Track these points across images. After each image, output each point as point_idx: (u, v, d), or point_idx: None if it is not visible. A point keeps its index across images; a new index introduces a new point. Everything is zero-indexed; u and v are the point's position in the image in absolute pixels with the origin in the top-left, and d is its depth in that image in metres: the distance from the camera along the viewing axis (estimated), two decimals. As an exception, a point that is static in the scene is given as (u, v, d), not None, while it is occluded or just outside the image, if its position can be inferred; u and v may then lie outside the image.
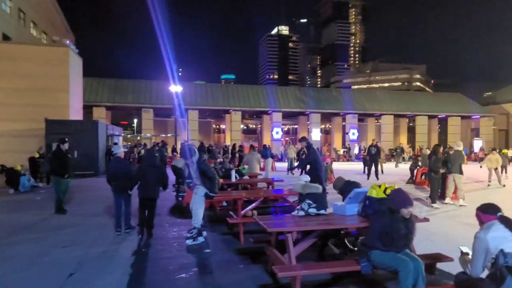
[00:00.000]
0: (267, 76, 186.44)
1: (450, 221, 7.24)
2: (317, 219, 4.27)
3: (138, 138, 33.05)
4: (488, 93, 48.32)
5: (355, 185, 4.63)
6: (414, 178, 14.15)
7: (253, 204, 6.54)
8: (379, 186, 4.11)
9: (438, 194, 9.37)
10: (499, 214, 2.78)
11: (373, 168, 14.76)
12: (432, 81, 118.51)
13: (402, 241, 3.58)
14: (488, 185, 13.50)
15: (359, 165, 21.07)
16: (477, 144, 34.60)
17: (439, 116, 37.21)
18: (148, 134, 29.86)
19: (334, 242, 5.17)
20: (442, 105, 36.76)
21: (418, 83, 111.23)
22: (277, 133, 32.63)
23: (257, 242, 5.15)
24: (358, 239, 4.89)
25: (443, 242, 5.62)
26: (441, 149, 9.79)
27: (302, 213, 4.42)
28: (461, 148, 9.65)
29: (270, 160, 14.72)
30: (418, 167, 14.33)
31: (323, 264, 4.13)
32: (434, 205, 8.80)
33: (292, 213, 4.59)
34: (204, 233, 5.98)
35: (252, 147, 12.42)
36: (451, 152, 9.82)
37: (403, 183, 13.79)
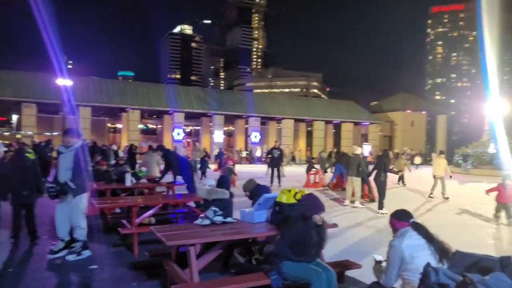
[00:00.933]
0: (169, 75, 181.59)
1: (354, 224, 7.55)
2: (224, 228, 3.89)
3: (18, 136, 29.02)
4: (375, 102, 53.89)
5: (265, 189, 4.38)
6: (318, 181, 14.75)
7: (150, 211, 5.92)
8: (289, 191, 3.92)
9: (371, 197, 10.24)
10: (411, 220, 2.74)
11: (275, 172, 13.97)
12: (327, 89, 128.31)
13: (314, 249, 3.41)
14: (430, 197, 11.30)
15: (262, 168, 21.47)
16: (366, 149, 38.22)
17: (334, 122, 40.21)
18: (30, 132, 26.41)
19: (240, 250, 4.89)
20: (337, 112, 39.81)
21: (315, 90, 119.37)
22: (178, 134, 31.64)
23: (154, 255, 4.57)
24: (265, 247, 4.68)
25: (350, 248, 5.72)
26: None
27: (206, 221, 4.01)
28: (359, 152, 10.08)
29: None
30: (314, 170, 15.02)
31: (229, 279, 3.76)
32: (382, 210, 8.64)
33: (196, 221, 4.14)
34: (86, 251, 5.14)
35: (150, 148, 11.55)
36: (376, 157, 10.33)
37: (300, 185, 14.16)
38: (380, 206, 8.78)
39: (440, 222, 7.82)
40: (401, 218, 2.77)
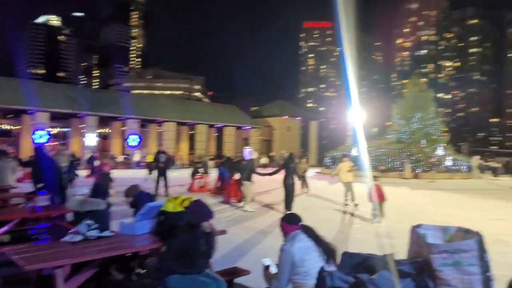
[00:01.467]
0: (30, 70, 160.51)
1: (242, 229, 7.57)
2: (100, 243, 3.44)
3: None
4: (255, 108, 56.32)
5: (149, 197, 4.04)
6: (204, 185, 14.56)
7: (4, 228, 4.99)
8: (176, 198, 3.67)
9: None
10: (300, 223, 2.78)
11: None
12: (210, 93, 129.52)
13: (203, 259, 3.24)
14: (345, 204, 10.65)
15: (141, 173, 20.40)
16: (247, 152, 39.61)
17: (216, 126, 40.67)
18: None
19: (117, 266, 4.41)
20: (219, 116, 40.38)
21: (198, 94, 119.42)
22: (40, 136, 28.03)
23: (8, 282, 3.81)
24: (147, 260, 4.32)
25: (238, 254, 5.68)
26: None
27: (78, 237, 3.49)
28: (254, 156, 10.05)
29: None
30: (199, 174, 14.87)
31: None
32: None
33: (65, 238, 3.58)
34: None
35: (3, 153, 9.80)
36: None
37: (184, 190, 13.87)
38: (288, 209, 8.93)
39: (317, 219, 8.41)
40: (291, 222, 2.79)
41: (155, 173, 12.74)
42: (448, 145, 29.78)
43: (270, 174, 10.56)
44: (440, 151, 27.59)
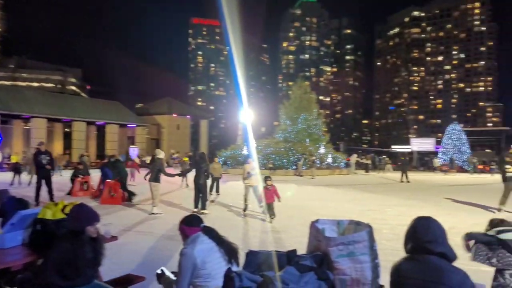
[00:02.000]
0: None
1: (132, 232, 7.14)
2: (-45, 263, 2.89)
3: None
4: (140, 105, 54.03)
5: (23, 204, 3.53)
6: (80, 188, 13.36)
7: None
8: (56, 205, 3.29)
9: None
10: (202, 225, 2.73)
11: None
12: (88, 87, 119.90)
13: (89, 269, 2.94)
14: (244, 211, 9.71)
15: (4, 176, 17.91)
16: (133, 152, 37.75)
17: (97, 123, 37.86)
18: None
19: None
20: (100, 112, 37.66)
21: (73, 87, 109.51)
22: None
23: None
24: (18, 276, 3.78)
25: (131, 260, 5.34)
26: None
27: None
28: (161, 156, 9.70)
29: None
30: (79, 177, 13.67)
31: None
32: (205, 211, 9.15)
33: None
34: None
35: None
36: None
37: (63, 194, 12.63)
38: (203, 208, 9.35)
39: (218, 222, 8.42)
40: (191, 224, 2.73)
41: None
42: (328, 144, 32.74)
43: (180, 174, 10.40)
44: (322, 150, 30.20)
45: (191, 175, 10.54)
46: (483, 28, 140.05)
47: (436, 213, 9.54)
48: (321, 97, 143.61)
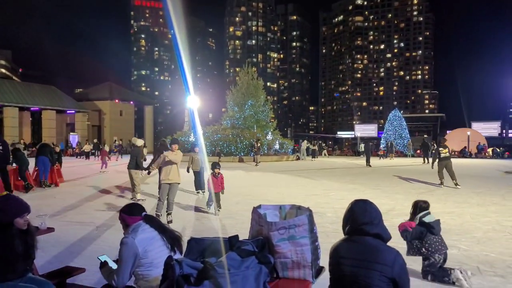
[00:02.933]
0: None
1: (66, 223, 6.81)
2: None
3: None
4: (80, 90, 51.32)
5: None
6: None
7: None
8: (-19, 197, 3.06)
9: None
10: (144, 213, 2.69)
11: None
12: (20, 70, 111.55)
13: (21, 263, 2.80)
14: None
15: None
16: (74, 139, 35.96)
17: (32, 109, 35.49)
18: None
19: None
20: (34, 97, 35.30)
21: (4, 70, 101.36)
22: None
23: None
24: None
25: (70, 251, 5.12)
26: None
27: None
28: (139, 144, 9.95)
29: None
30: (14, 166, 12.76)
31: None
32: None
33: None
34: None
35: None
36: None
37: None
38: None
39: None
40: (132, 213, 2.68)
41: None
42: (275, 131, 33.23)
43: (147, 168, 10.24)
44: (269, 136, 30.61)
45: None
46: (421, 19, 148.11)
47: (376, 196, 10.09)
48: (268, 84, 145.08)
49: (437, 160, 12.49)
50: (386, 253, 2.11)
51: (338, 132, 71.55)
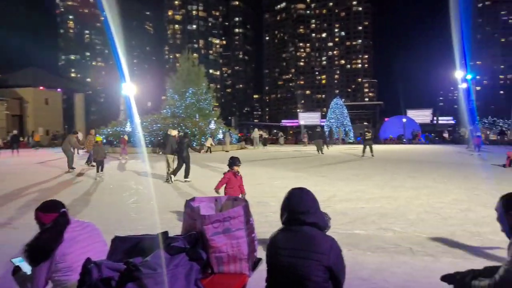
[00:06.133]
0: None
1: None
2: None
3: None
4: (-2, 75, 47.30)
5: None
6: None
7: None
8: None
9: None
10: (62, 210, 2.47)
11: None
12: None
13: None
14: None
15: None
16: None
17: None
18: None
19: None
20: None
21: None
22: None
23: None
24: None
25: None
26: None
27: None
28: (173, 133, 12.32)
29: None
30: None
31: None
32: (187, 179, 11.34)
33: None
34: None
35: None
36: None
37: None
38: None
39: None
40: (49, 210, 2.44)
41: None
42: (219, 119, 33.05)
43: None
44: (212, 125, 30.36)
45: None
46: (360, 8, 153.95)
47: (318, 183, 10.39)
48: (211, 71, 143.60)
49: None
50: (322, 242, 2.12)
51: (283, 121, 72.66)
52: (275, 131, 42.14)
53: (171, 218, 6.79)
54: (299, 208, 2.20)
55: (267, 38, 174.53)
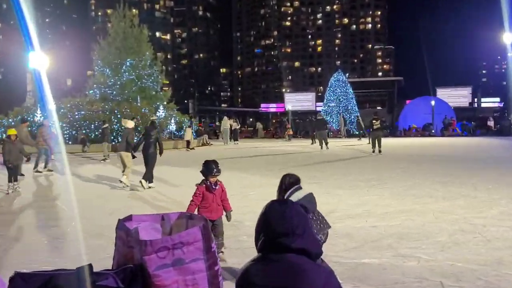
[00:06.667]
0: None
1: None
2: None
3: None
4: None
5: None
6: None
7: None
8: None
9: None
10: None
11: None
12: None
13: None
14: None
15: None
16: None
17: None
18: None
19: None
20: None
21: None
22: None
23: None
24: None
25: None
26: None
27: None
28: (129, 125, 12.83)
29: None
30: None
31: None
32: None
33: None
34: None
35: None
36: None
37: None
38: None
39: None
40: None
41: None
42: (170, 104, 32.93)
43: (134, 149, 12.65)
44: (161, 112, 30.21)
45: None
46: None
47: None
48: (157, 34, 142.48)
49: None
50: (314, 275, 2.13)
51: (262, 105, 73.03)
52: (251, 120, 42.33)
53: (103, 245, 6.72)
54: (281, 228, 2.20)
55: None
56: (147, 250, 2.25)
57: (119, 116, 27.39)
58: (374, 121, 20.58)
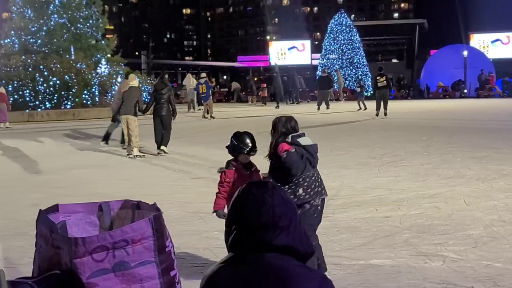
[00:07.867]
0: None
1: None
2: None
3: None
4: None
5: None
6: None
7: None
8: None
9: None
10: None
11: None
12: None
13: None
14: None
15: None
16: None
17: None
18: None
19: None
20: None
21: None
22: None
23: None
24: None
25: None
26: None
27: None
28: (136, 84, 13.52)
29: None
30: None
31: None
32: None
33: None
34: None
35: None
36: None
37: None
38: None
39: None
40: None
41: None
42: (116, 57, 32.73)
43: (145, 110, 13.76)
44: (104, 68, 30.00)
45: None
46: None
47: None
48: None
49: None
50: (303, 281, 2.11)
51: (239, 58, 72.80)
52: (225, 77, 42.00)
53: (25, 247, 6.70)
54: (259, 219, 2.14)
55: None
56: (78, 251, 2.24)
57: (45, 73, 27.19)
58: (378, 78, 21.64)
